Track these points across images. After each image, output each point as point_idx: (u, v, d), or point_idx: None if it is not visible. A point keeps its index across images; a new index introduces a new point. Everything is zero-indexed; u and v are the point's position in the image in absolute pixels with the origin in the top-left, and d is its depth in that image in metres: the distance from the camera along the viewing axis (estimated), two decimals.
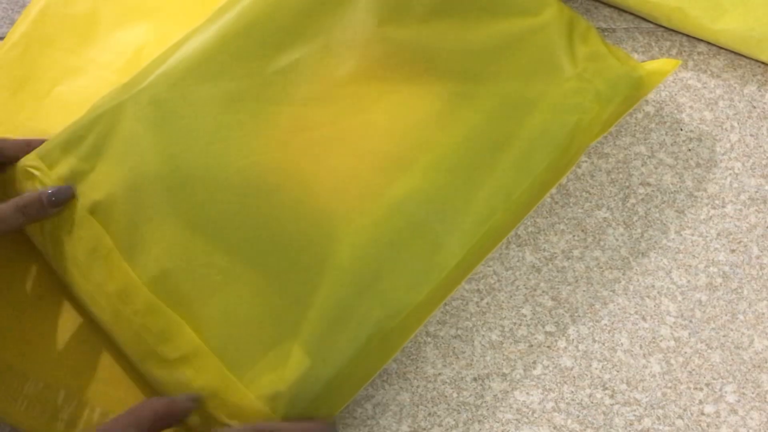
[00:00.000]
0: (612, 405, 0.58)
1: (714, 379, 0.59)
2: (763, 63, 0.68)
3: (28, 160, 0.56)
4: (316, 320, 0.52)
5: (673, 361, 0.59)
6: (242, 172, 0.52)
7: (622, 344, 0.60)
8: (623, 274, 0.62)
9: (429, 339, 0.60)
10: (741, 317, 0.61)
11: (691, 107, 0.67)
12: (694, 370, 0.59)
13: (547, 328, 0.60)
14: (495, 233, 0.56)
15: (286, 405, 0.51)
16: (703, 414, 0.58)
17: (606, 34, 0.70)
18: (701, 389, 0.59)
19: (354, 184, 0.55)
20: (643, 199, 0.64)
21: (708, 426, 0.58)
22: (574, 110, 0.58)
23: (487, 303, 0.61)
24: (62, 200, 0.54)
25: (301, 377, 0.51)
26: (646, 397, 0.59)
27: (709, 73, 0.68)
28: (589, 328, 0.60)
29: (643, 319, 0.61)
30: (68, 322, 0.58)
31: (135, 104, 0.56)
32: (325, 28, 0.59)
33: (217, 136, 0.56)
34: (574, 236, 0.63)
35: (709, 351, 0.60)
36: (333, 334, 0.52)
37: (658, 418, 0.58)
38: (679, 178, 0.65)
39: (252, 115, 0.57)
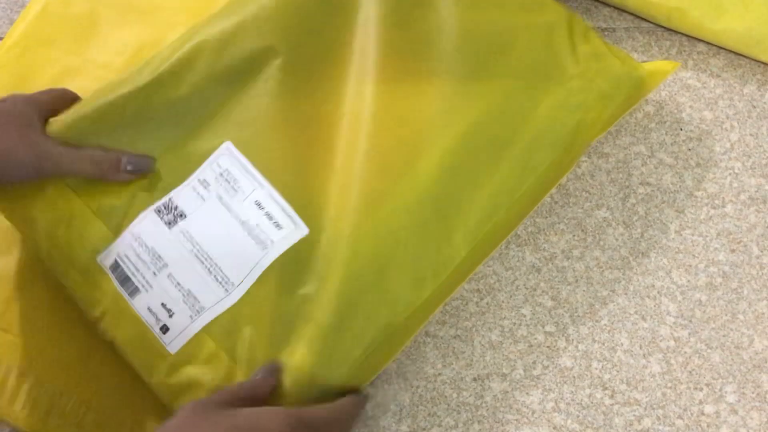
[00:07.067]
0: (612, 405, 0.58)
1: (714, 379, 0.59)
2: (762, 63, 0.68)
3: None
4: (321, 319, 0.52)
5: (673, 361, 0.59)
6: None
7: (622, 344, 0.60)
8: (623, 274, 0.62)
9: (429, 339, 0.60)
10: (741, 317, 0.61)
11: (691, 107, 0.67)
12: (694, 370, 0.59)
13: (547, 328, 0.60)
14: (499, 231, 0.56)
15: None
16: (703, 414, 0.58)
17: (606, 34, 0.70)
18: (701, 389, 0.59)
19: (357, 182, 0.54)
20: (643, 199, 0.64)
21: (708, 426, 0.58)
22: (578, 109, 0.58)
23: (487, 303, 0.61)
24: (139, 170, 0.50)
25: (305, 376, 0.51)
26: (646, 397, 0.58)
27: (708, 72, 0.68)
28: (588, 328, 0.60)
29: (643, 319, 0.61)
30: (66, 322, 0.58)
31: None
32: (324, 26, 0.58)
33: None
34: (574, 236, 0.63)
35: (709, 351, 0.60)
36: (338, 333, 0.52)
37: (658, 418, 0.58)
38: (679, 178, 0.65)
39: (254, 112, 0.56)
